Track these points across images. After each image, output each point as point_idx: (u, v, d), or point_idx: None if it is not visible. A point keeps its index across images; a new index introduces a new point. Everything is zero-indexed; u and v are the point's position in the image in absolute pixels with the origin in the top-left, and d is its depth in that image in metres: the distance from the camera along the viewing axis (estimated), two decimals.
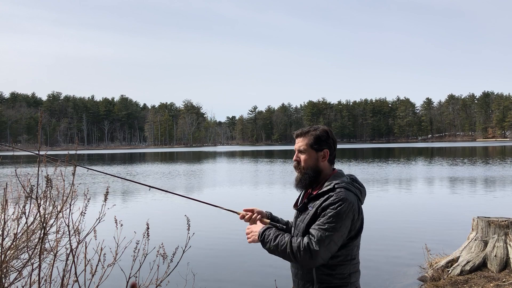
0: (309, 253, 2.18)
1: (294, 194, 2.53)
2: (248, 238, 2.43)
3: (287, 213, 2.78)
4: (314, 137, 2.42)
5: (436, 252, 7.23)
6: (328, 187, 2.32)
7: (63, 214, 3.01)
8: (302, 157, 2.43)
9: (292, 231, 2.47)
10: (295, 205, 2.54)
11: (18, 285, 3.12)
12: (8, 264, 3.08)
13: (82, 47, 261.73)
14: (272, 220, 2.59)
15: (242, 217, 2.55)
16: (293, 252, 2.22)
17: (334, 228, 2.19)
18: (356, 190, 2.36)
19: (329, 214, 2.21)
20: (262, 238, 2.35)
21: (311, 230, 2.24)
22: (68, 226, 2.82)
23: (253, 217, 2.52)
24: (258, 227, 2.42)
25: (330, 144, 2.44)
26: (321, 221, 2.22)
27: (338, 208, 2.20)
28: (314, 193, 2.40)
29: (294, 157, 2.47)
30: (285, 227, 2.55)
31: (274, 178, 24.13)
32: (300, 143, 2.45)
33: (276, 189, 18.91)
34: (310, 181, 2.41)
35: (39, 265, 2.71)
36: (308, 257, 2.18)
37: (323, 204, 2.26)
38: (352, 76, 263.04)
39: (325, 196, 2.29)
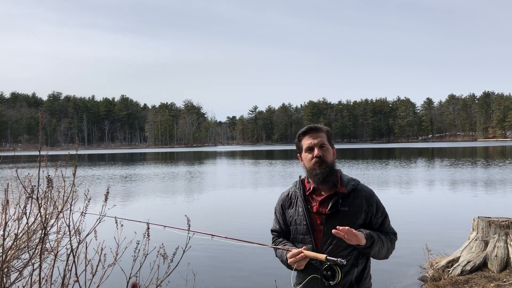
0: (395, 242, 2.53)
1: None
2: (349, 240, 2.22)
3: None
4: (329, 134, 2.45)
5: (437, 252, 7.22)
6: (351, 186, 2.40)
7: (63, 214, 3.02)
8: (325, 152, 2.37)
9: (315, 237, 2.35)
10: (312, 209, 2.39)
11: (19, 285, 3.13)
12: (9, 264, 3.09)
13: (82, 47, 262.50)
14: None
15: (292, 256, 2.30)
16: (393, 244, 2.53)
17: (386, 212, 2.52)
18: None
19: (379, 204, 2.45)
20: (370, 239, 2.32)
21: (381, 226, 2.45)
22: (69, 226, 2.82)
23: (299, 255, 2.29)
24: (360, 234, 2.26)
25: None
26: (380, 215, 2.45)
27: (377, 198, 2.45)
28: (343, 192, 2.36)
29: (317, 153, 2.35)
30: None
31: (274, 180, 24.12)
32: (320, 138, 2.38)
33: (276, 191, 18.91)
34: (334, 177, 2.39)
35: (40, 265, 2.71)
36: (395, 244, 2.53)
37: (368, 205, 2.39)
38: (352, 76, 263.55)
39: (360, 196, 2.38)
